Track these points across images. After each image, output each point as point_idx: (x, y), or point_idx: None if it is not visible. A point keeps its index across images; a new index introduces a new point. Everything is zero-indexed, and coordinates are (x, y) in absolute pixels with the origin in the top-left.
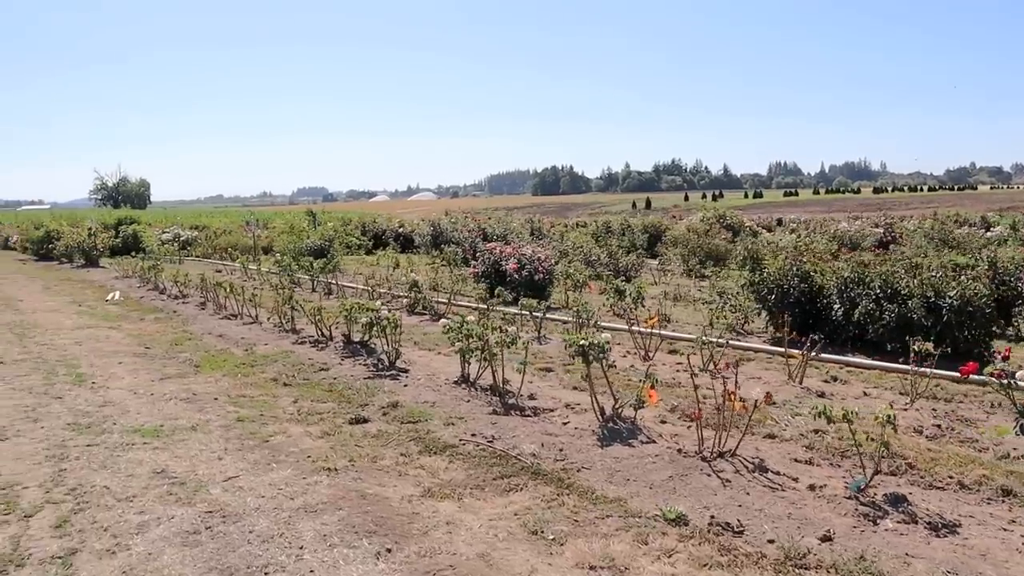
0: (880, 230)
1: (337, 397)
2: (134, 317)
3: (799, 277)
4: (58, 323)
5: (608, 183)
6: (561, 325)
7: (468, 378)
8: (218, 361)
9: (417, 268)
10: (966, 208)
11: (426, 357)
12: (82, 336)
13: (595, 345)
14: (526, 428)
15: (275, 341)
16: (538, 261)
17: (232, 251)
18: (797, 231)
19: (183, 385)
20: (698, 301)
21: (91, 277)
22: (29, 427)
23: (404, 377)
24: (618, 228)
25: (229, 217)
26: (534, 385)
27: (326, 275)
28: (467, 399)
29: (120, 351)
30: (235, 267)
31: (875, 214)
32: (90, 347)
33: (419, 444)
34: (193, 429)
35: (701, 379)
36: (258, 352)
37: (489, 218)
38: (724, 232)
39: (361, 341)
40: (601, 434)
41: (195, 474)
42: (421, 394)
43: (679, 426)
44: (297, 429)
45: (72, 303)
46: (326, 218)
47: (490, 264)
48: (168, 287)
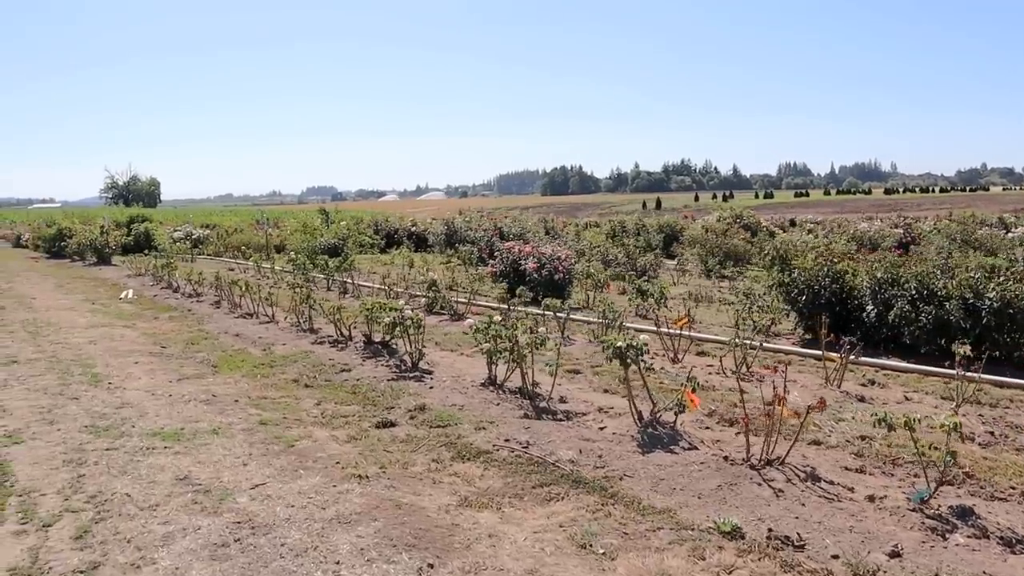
0: (899, 231)
1: (361, 399)
2: (148, 316)
3: (830, 278)
4: (72, 321)
5: (617, 183)
6: (584, 325)
7: (495, 380)
8: (236, 361)
9: (432, 267)
10: (979, 209)
11: (449, 358)
12: (96, 335)
13: (633, 347)
14: (561, 433)
15: (293, 341)
16: (558, 260)
17: (245, 249)
18: (814, 231)
19: (202, 386)
20: (720, 302)
21: (104, 275)
22: (45, 429)
23: (429, 379)
24: (633, 228)
25: (239, 216)
26: (563, 387)
27: (341, 274)
28: (496, 402)
29: (135, 350)
30: (248, 265)
31: (888, 215)
32: (105, 346)
33: (451, 450)
34: (215, 433)
35: (733, 382)
36: (276, 352)
37: (506, 216)
38: (743, 232)
39: (382, 341)
40: (641, 440)
41: (220, 481)
42: (448, 397)
43: (719, 431)
44: (322, 433)
45: (85, 301)
46: (338, 217)
47: (508, 263)
48: (182, 285)
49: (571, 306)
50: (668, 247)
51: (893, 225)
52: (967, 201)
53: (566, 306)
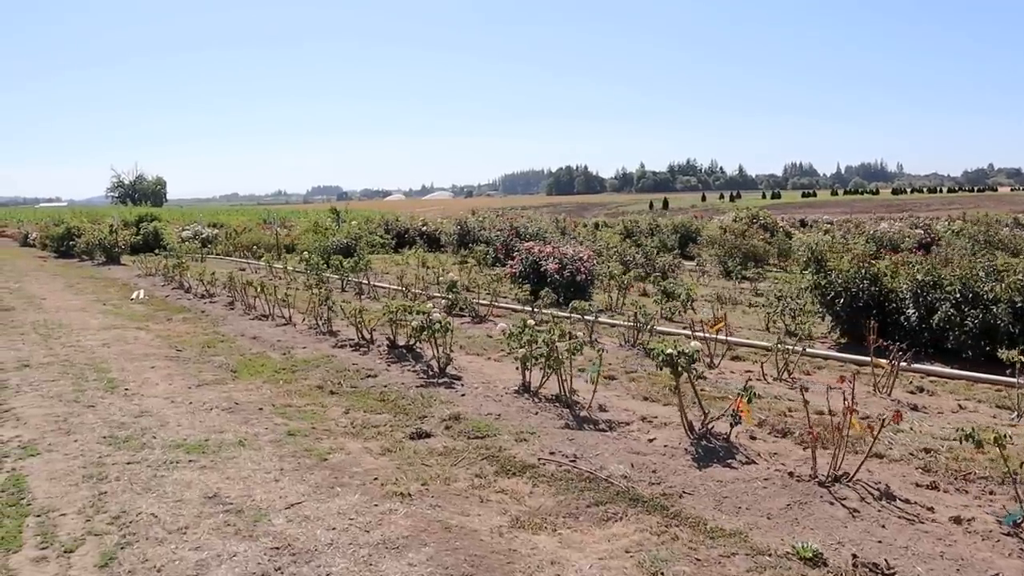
0: (919, 231)
1: (391, 408)
2: (161, 317)
3: (869, 280)
4: (84, 323)
5: (623, 183)
6: (610, 328)
7: (529, 387)
8: (256, 366)
9: (446, 268)
10: (989, 209)
11: (476, 363)
12: (109, 337)
13: (685, 355)
14: (608, 445)
15: (313, 344)
16: (579, 261)
17: (256, 249)
18: (830, 232)
19: (223, 393)
20: (746, 304)
21: (113, 275)
22: (62, 440)
23: (459, 385)
24: (646, 228)
25: (246, 215)
26: (599, 395)
27: (357, 274)
28: (534, 411)
29: (151, 354)
30: (259, 265)
31: (899, 215)
32: (119, 349)
33: (493, 463)
34: (241, 444)
35: (777, 389)
36: (297, 356)
37: (521, 216)
38: (761, 233)
39: (407, 345)
40: (695, 453)
41: (252, 499)
42: (482, 405)
43: (772, 442)
44: (355, 445)
45: (96, 302)
46: (349, 217)
47: (528, 264)
48: (193, 286)
49: (595, 308)
50: (684, 247)
51: (912, 226)
52: (975, 201)
53: (593, 308)
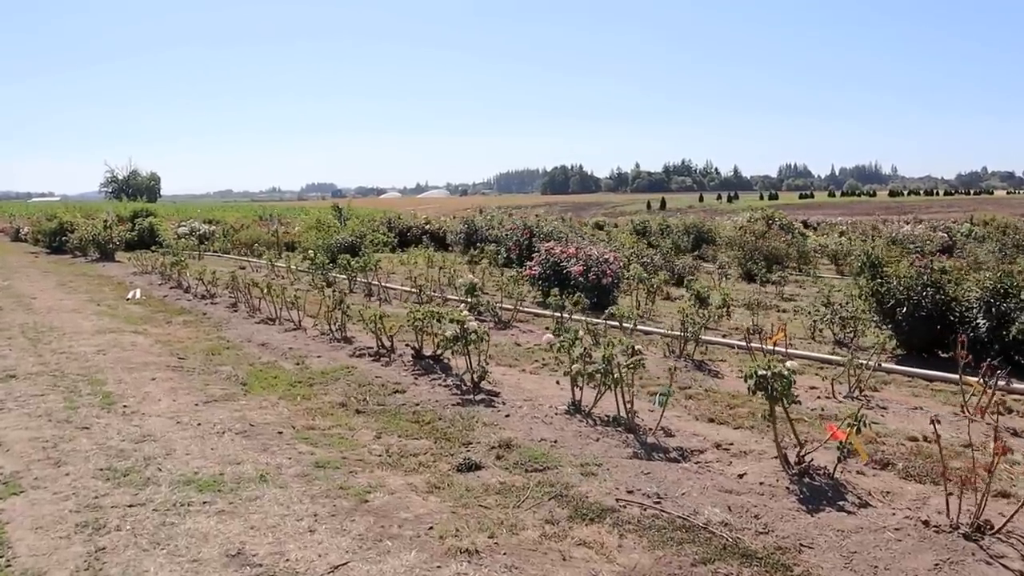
0: (942, 235)
1: (429, 431)
2: (160, 320)
3: (933, 287)
4: (76, 325)
5: (618, 183)
6: (645, 336)
7: (580, 406)
8: (268, 378)
9: (456, 268)
10: (989, 213)
11: (511, 376)
12: (104, 342)
13: (779, 376)
14: (692, 481)
15: (328, 353)
16: (605, 263)
17: (257, 247)
18: (846, 233)
19: (234, 411)
20: (776, 309)
21: (108, 272)
22: (51, 473)
23: (499, 404)
24: (656, 228)
25: (241, 211)
26: (654, 415)
27: (366, 274)
28: (593, 436)
29: (150, 362)
30: (260, 264)
31: (899, 217)
32: (115, 356)
33: (564, 505)
34: (263, 480)
35: (852, 409)
36: (312, 367)
37: (532, 215)
38: (782, 234)
39: (434, 355)
40: (799, 493)
41: (286, 559)
42: (532, 428)
43: (875, 477)
44: (396, 480)
45: (90, 302)
46: (351, 214)
47: (549, 266)
48: (193, 285)
49: (626, 314)
50: (697, 249)
51: (931, 228)
52: (975, 204)
53: (634, 315)
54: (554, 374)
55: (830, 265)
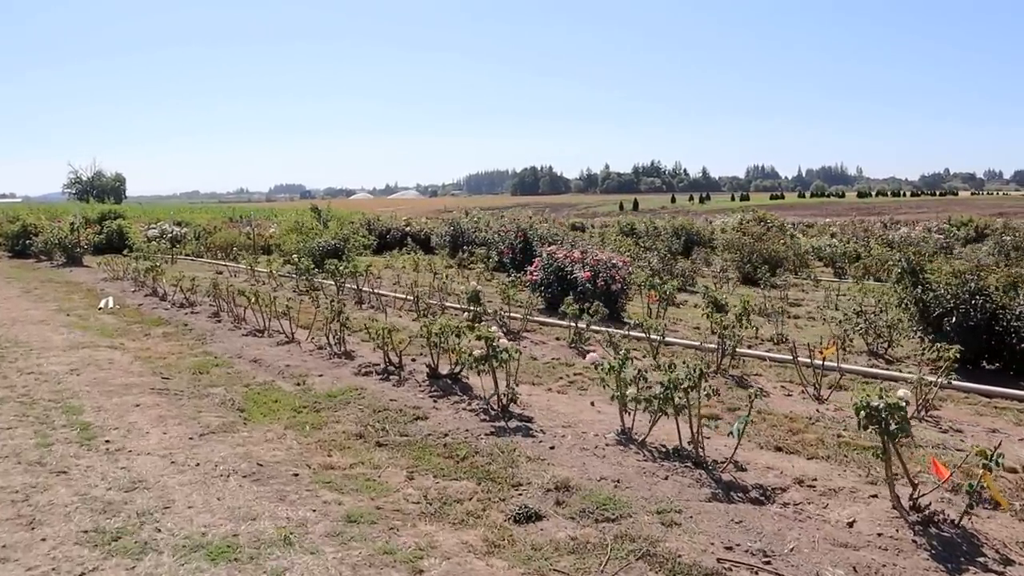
0: (938, 236)
1: (468, 469)
2: (137, 332)
3: (981, 294)
4: (45, 339)
5: (587, 184)
6: (666, 348)
7: (630, 435)
8: (268, 403)
9: (445, 272)
10: (957, 213)
11: (538, 396)
12: (78, 360)
13: (895, 409)
14: (794, 531)
15: (329, 370)
16: (614, 268)
17: (235, 250)
18: (838, 235)
19: (236, 446)
20: (789, 316)
21: (76, 278)
22: (23, 539)
23: (537, 432)
24: (644, 230)
25: (211, 213)
26: (713, 441)
27: (356, 280)
28: (660, 474)
29: (132, 384)
30: (239, 268)
31: (870, 218)
32: (91, 377)
33: (657, 568)
34: (287, 543)
35: (926, 433)
36: (316, 388)
37: (531, 217)
38: (780, 236)
39: (451, 374)
40: (930, 548)
41: None
42: (586, 464)
43: (994, 520)
44: (446, 537)
45: (58, 311)
46: (329, 216)
47: (552, 271)
48: (169, 292)
49: (630, 322)
50: (689, 251)
51: (927, 229)
52: (943, 205)
53: (648, 324)
54: (584, 393)
55: (825, 268)
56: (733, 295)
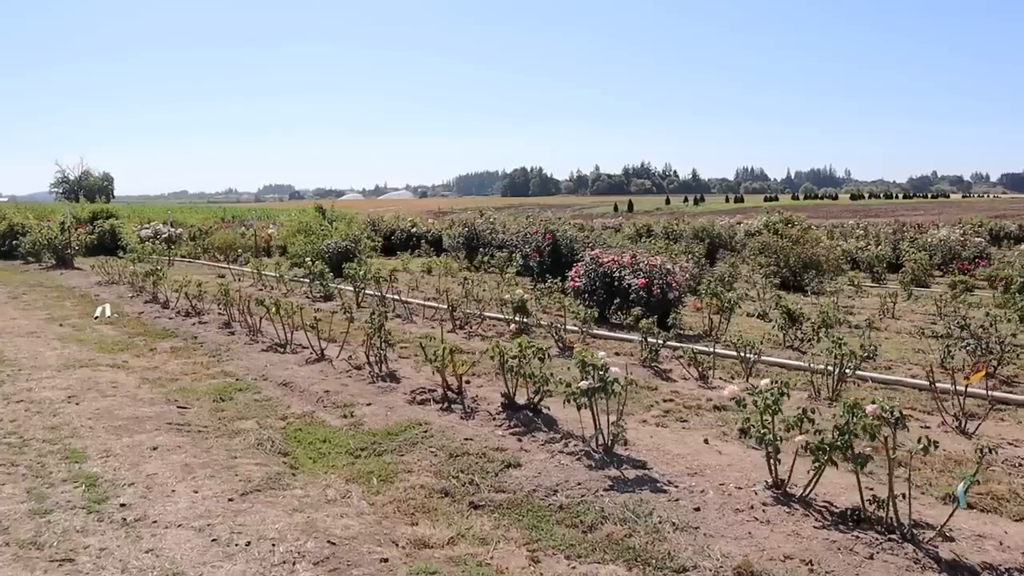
0: (980, 240)
1: (606, 545)
2: (141, 346)
3: None
4: (36, 356)
5: (578, 185)
6: (743, 365)
7: (784, 487)
8: (315, 442)
9: (458, 275)
10: (952, 216)
11: (636, 430)
12: (76, 382)
13: None
14: None
15: (377, 397)
16: (670, 275)
17: (231, 251)
18: (864, 238)
19: (293, 512)
20: (850, 327)
21: (68, 282)
22: None
23: (663, 483)
24: (661, 231)
25: (202, 213)
26: (872, 493)
27: (379, 286)
28: (861, 550)
29: (144, 416)
30: (243, 272)
31: (867, 220)
32: (93, 406)
33: None
34: None
35: None
36: (367, 421)
37: (560, 218)
38: (822, 239)
39: (531, 404)
40: None
41: None
42: (755, 535)
43: None
44: None
45: (50, 320)
46: (333, 216)
47: (598, 276)
48: (171, 299)
49: (682, 332)
50: (712, 255)
51: (963, 232)
52: (939, 208)
53: (745, 342)
54: (686, 426)
55: (858, 272)
56: (772, 301)
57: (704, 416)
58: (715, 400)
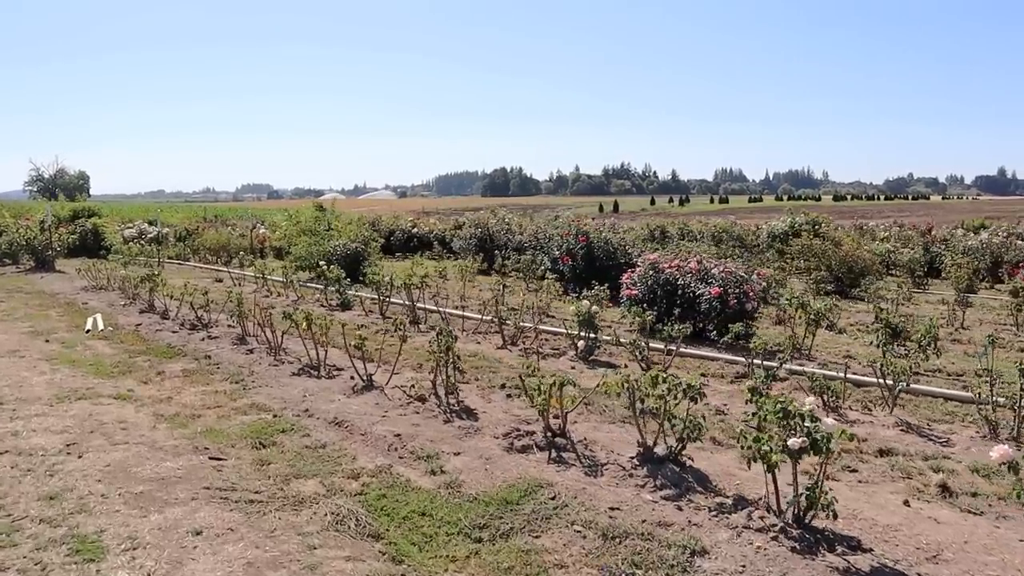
0: (1022, 242)
1: None
2: (145, 367)
3: None
4: (20, 383)
5: (558, 185)
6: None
7: None
8: (411, 516)
9: (470, 279)
10: (941, 217)
11: None
12: (74, 422)
13: None
14: None
15: (458, 441)
16: (747, 284)
17: (240, 254)
18: (888, 239)
19: None
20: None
21: (51, 287)
22: None
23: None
24: (676, 232)
25: (182, 212)
26: None
27: (409, 293)
28: None
29: (171, 476)
30: (243, 275)
31: (854, 221)
32: (102, 461)
33: None
34: None
35: None
36: (467, 481)
37: (589, 219)
38: (867, 242)
39: (672, 455)
40: None
41: None
42: None
43: None
44: None
45: (34, 335)
46: (334, 216)
47: (660, 284)
48: (169, 307)
49: (765, 348)
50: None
51: (1007, 235)
52: (924, 210)
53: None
54: (859, 477)
55: (899, 277)
56: (844, 311)
57: (872, 463)
58: (875, 441)
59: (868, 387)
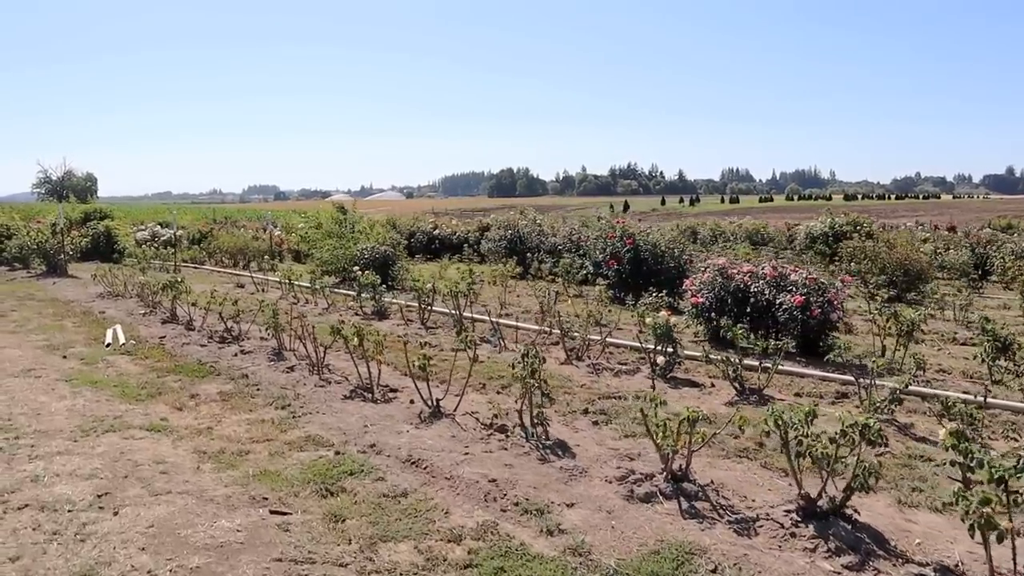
0: None
1: None
2: (177, 389)
3: None
4: (38, 411)
5: (564, 186)
6: None
7: None
8: None
9: (497, 281)
10: (958, 217)
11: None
12: (104, 463)
13: None
14: None
15: (564, 487)
16: (831, 291)
17: (264, 258)
18: (929, 240)
19: None
20: None
21: (63, 294)
22: None
23: None
24: (708, 234)
25: (191, 214)
26: None
27: (458, 301)
28: None
29: (230, 540)
30: (267, 280)
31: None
32: (143, 520)
33: None
34: None
35: None
36: (591, 545)
37: (627, 221)
38: (920, 243)
39: (836, 508)
40: None
41: None
42: None
43: None
44: None
45: (49, 349)
46: (354, 218)
47: (728, 292)
48: (194, 316)
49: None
50: None
51: None
52: (937, 208)
53: None
54: None
55: (952, 279)
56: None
57: None
58: None
59: (993, 409)
